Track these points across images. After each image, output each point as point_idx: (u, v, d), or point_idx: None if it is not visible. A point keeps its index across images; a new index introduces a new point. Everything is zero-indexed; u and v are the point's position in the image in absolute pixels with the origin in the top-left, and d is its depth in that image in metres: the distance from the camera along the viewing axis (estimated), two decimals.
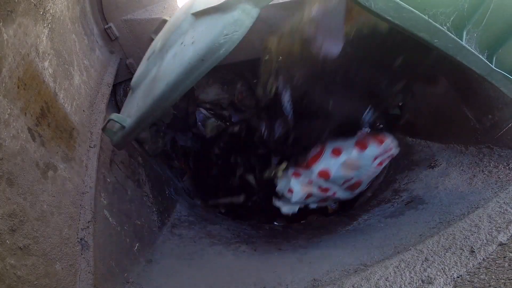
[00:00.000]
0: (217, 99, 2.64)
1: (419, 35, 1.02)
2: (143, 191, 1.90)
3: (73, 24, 1.47)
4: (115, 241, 1.40)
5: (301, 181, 1.94)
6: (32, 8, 1.09)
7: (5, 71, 0.93)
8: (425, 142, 2.35)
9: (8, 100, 0.93)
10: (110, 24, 1.76)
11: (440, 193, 1.71)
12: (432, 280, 0.91)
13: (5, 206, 0.86)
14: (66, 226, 1.11)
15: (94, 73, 1.64)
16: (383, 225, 1.76)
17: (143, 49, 1.94)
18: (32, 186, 0.98)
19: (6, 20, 0.95)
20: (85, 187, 1.28)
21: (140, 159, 2.03)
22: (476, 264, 0.90)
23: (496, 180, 1.43)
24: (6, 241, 0.84)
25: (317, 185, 1.97)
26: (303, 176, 1.92)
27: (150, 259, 1.60)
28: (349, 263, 1.31)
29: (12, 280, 0.84)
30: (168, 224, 2.10)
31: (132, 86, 1.43)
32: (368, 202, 2.50)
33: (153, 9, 1.85)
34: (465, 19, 1.10)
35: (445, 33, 1.04)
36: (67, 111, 1.28)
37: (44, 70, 1.15)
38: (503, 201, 1.15)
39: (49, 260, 0.99)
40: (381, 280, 1.00)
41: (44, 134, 1.10)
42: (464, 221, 1.13)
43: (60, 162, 1.16)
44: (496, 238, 0.95)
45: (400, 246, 1.25)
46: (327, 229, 2.24)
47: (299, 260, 1.61)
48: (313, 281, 1.26)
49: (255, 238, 2.22)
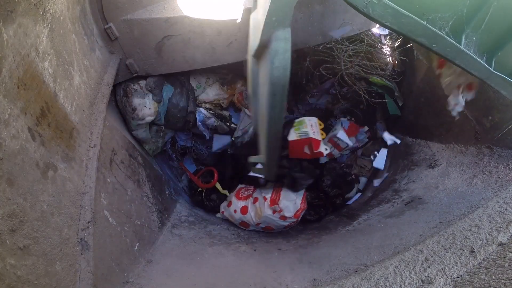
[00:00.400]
0: (217, 99, 2.64)
1: (417, 40, 1.04)
2: (143, 191, 1.90)
3: (73, 24, 1.47)
4: (115, 241, 1.40)
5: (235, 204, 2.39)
6: (32, 8, 1.09)
7: (5, 71, 0.93)
8: (425, 142, 2.35)
9: (8, 100, 0.93)
10: (110, 24, 1.76)
11: (440, 193, 1.71)
12: (432, 280, 0.91)
13: (5, 206, 0.86)
14: (66, 226, 1.11)
15: (94, 73, 1.64)
16: (383, 225, 1.76)
17: (143, 49, 1.94)
18: (32, 186, 0.98)
19: (6, 20, 0.95)
20: (85, 187, 1.28)
21: (140, 159, 2.03)
22: (476, 264, 0.90)
23: (496, 180, 1.43)
24: (6, 241, 0.84)
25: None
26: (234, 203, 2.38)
27: (150, 259, 1.60)
28: (349, 263, 1.31)
29: (12, 280, 0.84)
30: (168, 224, 2.10)
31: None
32: (368, 202, 2.50)
33: (153, 9, 1.85)
34: (463, 24, 1.11)
35: (443, 37, 1.05)
36: (67, 111, 1.28)
37: (44, 70, 1.15)
38: (503, 201, 1.15)
39: (49, 260, 0.99)
40: (381, 280, 1.00)
41: (44, 134, 1.10)
42: (464, 221, 1.13)
43: (60, 162, 1.16)
44: (496, 238, 0.95)
45: (400, 246, 1.25)
46: (327, 229, 2.24)
47: (299, 260, 1.61)
48: (313, 281, 1.26)
49: (255, 238, 2.22)
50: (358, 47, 2.45)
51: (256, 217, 2.18)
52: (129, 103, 2.03)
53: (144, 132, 2.20)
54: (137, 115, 2.06)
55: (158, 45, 1.93)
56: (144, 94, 2.08)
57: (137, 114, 2.06)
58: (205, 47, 2.03)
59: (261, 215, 2.14)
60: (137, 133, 2.16)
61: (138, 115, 2.06)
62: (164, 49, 1.97)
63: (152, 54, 1.97)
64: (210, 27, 1.94)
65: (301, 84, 2.89)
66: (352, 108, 3.06)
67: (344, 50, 2.44)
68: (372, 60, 2.54)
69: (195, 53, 2.04)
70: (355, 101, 3.02)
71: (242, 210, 2.26)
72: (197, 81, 2.54)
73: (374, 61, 2.53)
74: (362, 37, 2.46)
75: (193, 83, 2.51)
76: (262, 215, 2.14)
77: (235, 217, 2.30)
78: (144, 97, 2.07)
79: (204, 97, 2.57)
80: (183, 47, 1.99)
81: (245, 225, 2.31)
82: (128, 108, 2.04)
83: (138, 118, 2.07)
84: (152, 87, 2.11)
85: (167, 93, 2.20)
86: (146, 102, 2.08)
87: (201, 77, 2.58)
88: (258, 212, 2.17)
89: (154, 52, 1.96)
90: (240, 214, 2.26)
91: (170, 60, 2.04)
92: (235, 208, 2.30)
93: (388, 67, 2.61)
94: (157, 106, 2.17)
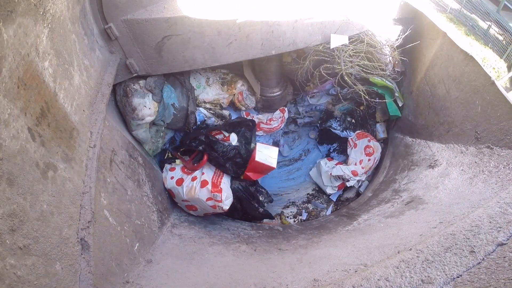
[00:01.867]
0: (217, 99, 2.64)
1: None
2: (143, 191, 1.90)
3: (73, 24, 1.47)
4: (115, 241, 1.40)
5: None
6: (32, 8, 1.09)
7: (5, 71, 0.93)
8: (425, 142, 2.35)
9: (8, 100, 0.93)
10: (110, 24, 1.76)
11: (440, 193, 1.71)
12: (432, 280, 0.91)
13: (5, 206, 0.86)
14: (66, 226, 1.11)
15: (94, 73, 1.64)
16: (383, 225, 1.76)
17: (143, 49, 1.94)
18: (32, 186, 0.98)
19: (6, 20, 0.95)
20: (85, 187, 1.28)
21: (140, 159, 2.03)
22: (476, 264, 0.90)
23: (496, 180, 1.43)
24: (6, 241, 0.84)
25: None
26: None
27: (150, 259, 1.60)
28: (349, 263, 1.31)
29: (12, 280, 0.84)
30: (168, 224, 2.10)
31: None
32: (368, 202, 2.50)
33: (153, 9, 1.85)
34: None
35: None
36: (67, 111, 1.28)
37: (44, 70, 1.15)
38: (503, 201, 1.14)
39: (49, 260, 0.99)
40: (381, 280, 1.00)
41: (44, 134, 1.10)
42: (464, 221, 1.13)
43: (60, 162, 1.16)
44: (496, 238, 0.95)
45: (400, 246, 1.25)
46: (327, 229, 2.24)
47: (299, 260, 1.61)
48: (313, 281, 1.26)
49: (255, 238, 2.22)
50: (358, 47, 2.45)
51: (187, 194, 2.25)
52: (129, 103, 2.03)
53: (144, 132, 2.20)
54: (137, 115, 2.06)
55: (158, 45, 1.93)
56: (144, 94, 2.08)
57: (137, 114, 2.06)
58: (205, 47, 2.03)
59: (194, 196, 2.24)
60: (137, 133, 2.16)
61: (138, 115, 2.06)
62: (164, 49, 1.97)
63: (152, 54, 1.97)
64: (210, 27, 1.94)
65: (301, 84, 2.90)
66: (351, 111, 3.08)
67: (344, 50, 2.44)
68: (372, 60, 2.54)
69: (195, 53, 2.04)
70: (356, 102, 3.02)
71: (177, 181, 2.33)
72: (197, 81, 2.54)
73: (374, 61, 2.53)
74: (362, 37, 2.46)
75: (193, 83, 2.51)
76: (195, 196, 2.23)
77: (168, 182, 2.34)
78: (144, 97, 2.07)
79: (204, 97, 2.57)
80: (183, 47, 1.99)
81: (171, 193, 2.37)
82: (128, 108, 2.04)
83: (138, 118, 2.07)
84: (152, 87, 2.11)
85: (167, 94, 2.20)
86: (146, 102, 2.08)
87: (201, 77, 2.58)
88: (191, 191, 2.25)
89: (154, 52, 1.96)
90: (173, 183, 2.32)
91: (170, 60, 2.04)
92: (173, 175, 2.36)
93: (388, 67, 2.61)
94: (157, 105, 2.17)
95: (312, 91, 3.07)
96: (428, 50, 2.37)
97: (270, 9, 2.03)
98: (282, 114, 3.06)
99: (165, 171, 2.41)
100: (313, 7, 2.15)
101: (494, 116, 1.66)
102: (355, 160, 2.94)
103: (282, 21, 2.07)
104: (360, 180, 2.94)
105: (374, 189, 2.70)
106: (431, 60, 2.34)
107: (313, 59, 2.54)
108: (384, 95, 2.70)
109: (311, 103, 3.20)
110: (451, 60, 2.09)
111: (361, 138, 3.00)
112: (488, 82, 1.73)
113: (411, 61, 2.62)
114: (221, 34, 1.99)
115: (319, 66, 2.60)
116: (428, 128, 2.36)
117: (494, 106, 1.67)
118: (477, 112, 1.81)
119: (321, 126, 3.39)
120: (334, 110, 3.21)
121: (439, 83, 2.22)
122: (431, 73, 2.34)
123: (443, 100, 2.17)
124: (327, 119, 3.31)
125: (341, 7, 2.25)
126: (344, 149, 3.21)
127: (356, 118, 3.21)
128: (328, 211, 3.05)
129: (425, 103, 2.43)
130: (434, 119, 2.28)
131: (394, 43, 2.48)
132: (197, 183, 2.25)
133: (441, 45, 2.20)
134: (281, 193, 3.35)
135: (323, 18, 2.19)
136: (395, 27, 2.55)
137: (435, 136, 2.25)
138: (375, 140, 3.00)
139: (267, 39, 2.12)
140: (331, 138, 3.46)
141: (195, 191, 2.22)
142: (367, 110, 3.07)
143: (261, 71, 2.77)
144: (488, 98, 1.72)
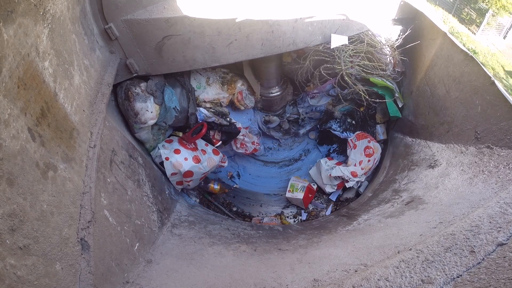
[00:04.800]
0: (217, 99, 2.64)
1: None
2: (143, 191, 1.90)
3: (73, 24, 1.47)
4: (115, 241, 1.40)
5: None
6: (32, 8, 1.09)
7: (5, 71, 0.93)
8: (425, 142, 2.35)
9: (8, 100, 0.93)
10: (110, 24, 1.76)
11: (440, 193, 1.71)
12: (432, 280, 0.91)
13: (5, 206, 0.86)
14: (66, 226, 1.11)
15: (94, 73, 1.64)
16: (383, 225, 1.75)
17: (143, 49, 1.94)
18: (32, 186, 0.98)
19: (6, 20, 0.95)
20: (85, 187, 1.28)
21: (140, 159, 2.03)
22: (476, 264, 0.90)
23: (496, 180, 1.43)
24: (6, 241, 0.84)
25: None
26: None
27: (150, 259, 1.60)
28: (349, 263, 1.31)
29: (12, 280, 0.84)
30: (168, 224, 2.10)
31: None
32: (368, 202, 2.49)
33: (153, 9, 1.85)
34: None
35: None
36: (67, 111, 1.28)
37: (44, 70, 1.15)
38: (503, 201, 1.14)
39: (49, 260, 0.99)
40: (381, 280, 1.00)
41: (44, 134, 1.10)
42: (464, 221, 1.13)
43: (60, 162, 1.16)
44: (496, 238, 0.95)
45: (400, 246, 1.25)
46: (327, 229, 2.24)
47: (299, 260, 1.61)
48: (313, 281, 1.26)
49: (255, 238, 2.22)
50: (358, 47, 2.45)
51: (209, 165, 2.43)
52: (132, 108, 2.03)
53: (147, 134, 2.21)
54: (140, 119, 2.06)
55: (158, 45, 1.93)
56: (146, 97, 2.08)
57: (140, 118, 2.06)
58: (205, 47, 2.03)
59: (213, 164, 2.47)
60: (139, 135, 2.17)
61: (140, 119, 2.07)
62: (164, 49, 1.97)
63: (152, 54, 1.97)
64: (210, 27, 1.94)
65: (301, 84, 2.90)
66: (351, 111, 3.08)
67: (345, 50, 2.44)
68: (373, 60, 2.54)
69: (195, 53, 2.04)
70: (356, 103, 3.02)
71: (194, 159, 2.40)
72: (197, 81, 2.54)
73: (375, 61, 2.53)
74: (362, 37, 2.46)
75: (194, 83, 2.52)
76: (215, 164, 2.47)
77: (183, 165, 2.32)
78: (146, 101, 2.08)
79: (204, 96, 2.57)
80: (183, 47, 1.99)
81: (190, 175, 2.37)
82: (131, 112, 2.04)
83: (141, 122, 2.08)
84: (153, 90, 2.12)
85: (168, 97, 2.20)
86: (148, 106, 2.08)
87: (201, 77, 2.58)
88: (210, 161, 2.46)
89: (154, 52, 1.97)
90: (192, 163, 2.36)
91: (170, 60, 2.04)
92: (186, 156, 2.36)
93: (388, 67, 2.61)
94: (159, 108, 2.18)
95: (313, 91, 3.07)
96: (428, 50, 2.37)
97: (270, 9, 2.03)
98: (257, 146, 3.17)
99: (161, 148, 2.37)
100: (313, 7, 2.15)
101: (494, 116, 1.66)
102: (355, 161, 2.93)
103: (282, 21, 2.07)
104: (360, 181, 2.94)
105: (374, 189, 2.70)
106: (431, 60, 2.34)
107: (313, 59, 2.54)
108: (385, 96, 2.70)
109: (311, 104, 3.20)
110: (451, 60, 2.09)
111: (360, 139, 3.00)
112: (488, 82, 1.73)
113: (411, 61, 2.62)
114: (221, 34, 1.99)
115: (319, 66, 2.60)
116: (428, 128, 2.35)
117: (494, 106, 1.67)
118: (477, 112, 1.81)
119: (321, 128, 3.39)
120: (334, 111, 3.21)
121: (439, 83, 2.22)
122: (431, 73, 2.34)
123: (443, 100, 2.17)
124: (327, 120, 3.31)
125: (341, 7, 2.25)
126: (344, 150, 3.20)
127: (356, 119, 3.21)
128: (328, 211, 3.05)
129: (425, 103, 2.42)
130: (434, 119, 2.28)
131: (394, 43, 2.48)
132: (199, 152, 2.49)
133: (441, 45, 2.21)
134: (281, 193, 3.35)
135: (323, 18, 2.19)
136: (395, 27, 2.55)
137: (435, 136, 2.25)
138: (375, 140, 3.00)
139: (267, 39, 2.12)
140: (331, 139, 3.46)
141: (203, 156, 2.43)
142: (367, 111, 3.07)
143: (261, 71, 2.77)
144: (488, 98, 1.72)
